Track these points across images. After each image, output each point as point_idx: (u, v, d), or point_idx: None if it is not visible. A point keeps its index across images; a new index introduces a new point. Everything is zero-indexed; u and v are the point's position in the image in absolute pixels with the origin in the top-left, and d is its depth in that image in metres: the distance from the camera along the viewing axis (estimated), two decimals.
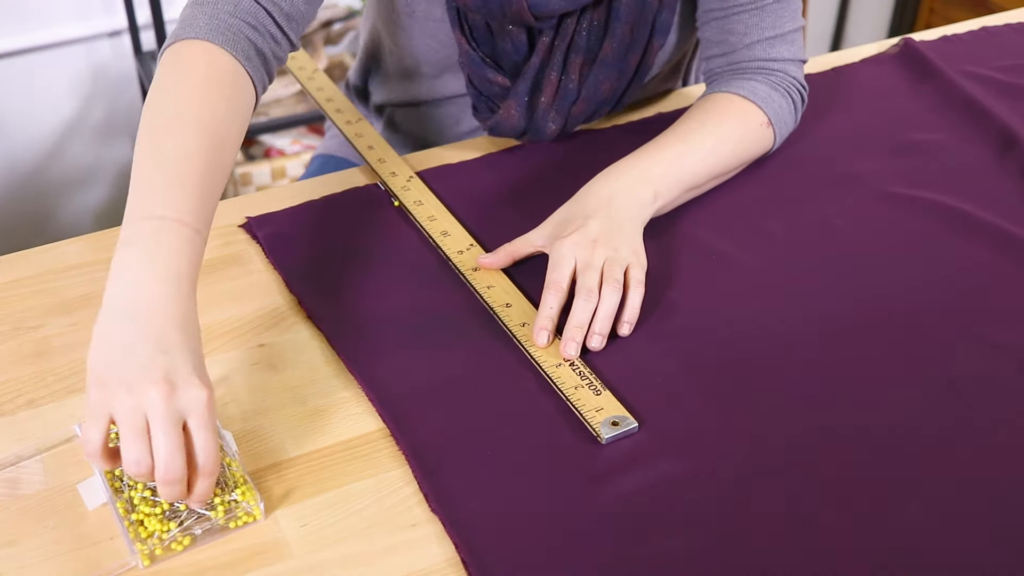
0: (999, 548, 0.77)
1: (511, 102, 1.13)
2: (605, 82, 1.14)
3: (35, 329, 0.95)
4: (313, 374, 0.91)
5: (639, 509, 0.79)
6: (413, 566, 0.76)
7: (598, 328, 0.92)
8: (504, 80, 1.13)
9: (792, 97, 1.12)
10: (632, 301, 0.94)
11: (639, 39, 1.12)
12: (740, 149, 1.09)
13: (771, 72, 1.11)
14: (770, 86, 1.11)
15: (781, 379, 0.90)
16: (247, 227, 1.07)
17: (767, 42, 1.11)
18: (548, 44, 1.10)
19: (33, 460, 0.83)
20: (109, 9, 2.22)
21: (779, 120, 1.11)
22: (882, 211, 1.10)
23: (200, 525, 0.77)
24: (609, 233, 0.96)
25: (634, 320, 0.94)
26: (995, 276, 1.01)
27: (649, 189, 1.01)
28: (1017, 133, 1.18)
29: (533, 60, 1.11)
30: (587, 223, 0.96)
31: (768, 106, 1.09)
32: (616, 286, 0.92)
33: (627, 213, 0.99)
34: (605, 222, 0.97)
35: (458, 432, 0.85)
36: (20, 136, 2.28)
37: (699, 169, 1.05)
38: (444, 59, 1.17)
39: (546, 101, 1.13)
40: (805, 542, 0.77)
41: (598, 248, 0.94)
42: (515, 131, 1.15)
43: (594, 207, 0.98)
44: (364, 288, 0.99)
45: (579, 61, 1.12)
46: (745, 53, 1.11)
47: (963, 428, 0.86)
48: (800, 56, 1.13)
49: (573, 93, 1.13)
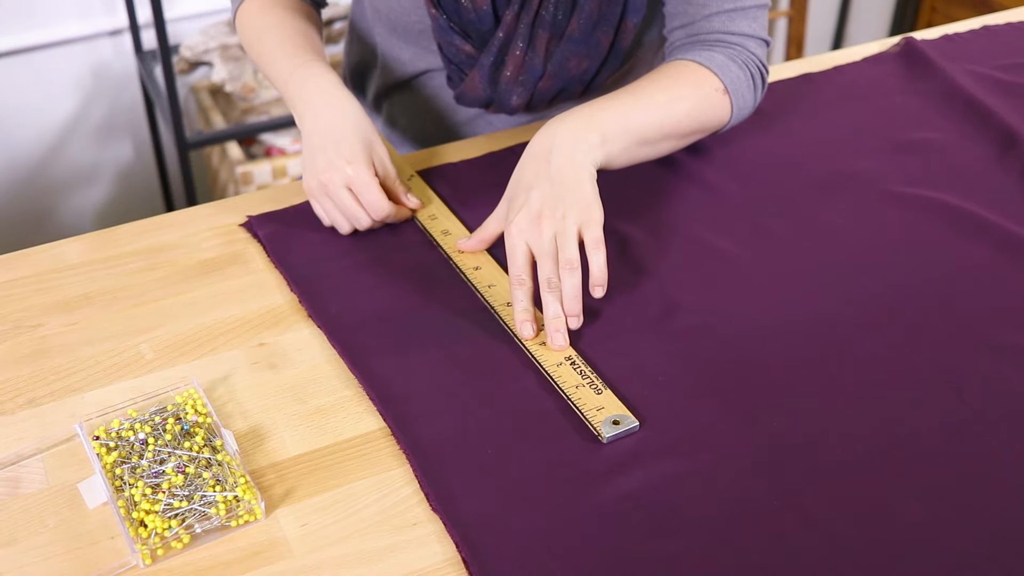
0: (999, 548, 0.77)
1: (476, 72, 1.14)
2: (572, 59, 1.13)
3: (35, 328, 0.95)
4: (314, 373, 0.91)
5: (640, 508, 0.79)
6: (414, 565, 0.76)
7: (568, 310, 0.92)
8: (471, 49, 1.13)
9: (751, 71, 1.10)
10: (596, 262, 0.93)
11: (609, 16, 1.11)
12: (694, 112, 1.07)
13: (729, 45, 1.10)
14: (728, 57, 1.09)
15: (782, 378, 0.90)
16: (248, 226, 1.07)
17: (727, 15, 1.10)
18: (513, 18, 1.10)
19: (33, 459, 0.83)
20: (110, 8, 2.22)
21: (736, 91, 1.09)
22: (883, 210, 1.10)
23: (200, 524, 0.77)
24: (553, 202, 0.94)
25: (604, 281, 0.93)
26: (996, 275, 1.01)
27: (594, 133, 0.99)
28: (1018, 132, 1.18)
29: (498, 33, 1.11)
30: (529, 196, 0.95)
31: (724, 74, 1.08)
32: (572, 265, 0.92)
33: (568, 163, 0.96)
34: (546, 188, 0.95)
35: (459, 431, 0.85)
36: (20, 135, 2.28)
37: (649, 121, 1.03)
38: (417, 23, 1.17)
39: (510, 74, 1.13)
40: (805, 541, 0.77)
41: (544, 224, 0.93)
42: (480, 101, 1.16)
43: (534, 172, 0.97)
44: (364, 287, 0.99)
45: (545, 36, 1.12)
46: (704, 24, 1.10)
47: (964, 428, 0.86)
48: (761, 34, 1.12)
49: (539, 68, 1.13)
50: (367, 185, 1.01)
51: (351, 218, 1.03)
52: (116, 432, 0.84)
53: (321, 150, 1.02)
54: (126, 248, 1.04)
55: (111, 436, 0.83)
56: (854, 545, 0.77)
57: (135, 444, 0.83)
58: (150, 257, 1.03)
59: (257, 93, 2.33)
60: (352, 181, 1.01)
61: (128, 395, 0.88)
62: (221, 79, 2.22)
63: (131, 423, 0.84)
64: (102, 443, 0.82)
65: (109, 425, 0.84)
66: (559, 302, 0.92)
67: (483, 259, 1.01)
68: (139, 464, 0.81)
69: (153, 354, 0.92)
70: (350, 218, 1.03)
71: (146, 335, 0.94)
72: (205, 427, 0.84)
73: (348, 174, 1.01)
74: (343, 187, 1.01)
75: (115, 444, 0.83)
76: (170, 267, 1.02)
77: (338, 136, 1.02)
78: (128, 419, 0.85)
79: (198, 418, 0.85)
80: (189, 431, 0.83)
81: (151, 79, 2.19)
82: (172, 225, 1.07)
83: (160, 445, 0.82)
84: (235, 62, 2.23)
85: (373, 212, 1.02)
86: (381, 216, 1.03)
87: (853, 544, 0.77)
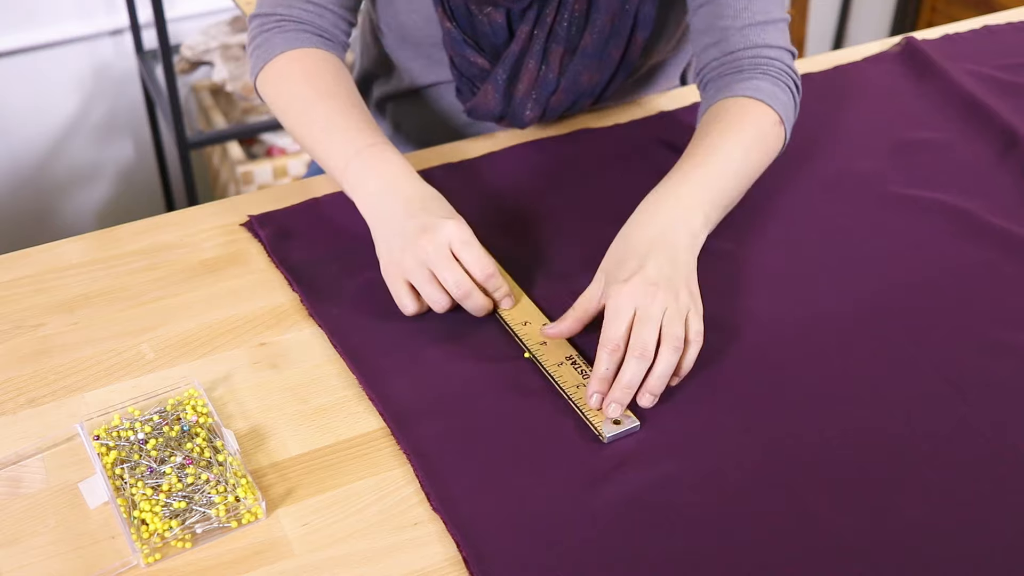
0: (1000, 548, 0.77)
1: (489, 86, 1.13)
2: (584, 73, 1.13)
3: (36, 328, 0.95)
4: (314, 373, 0.91)
5: (641, 508, 0.79)
6: (414, 565, 0.76)
7: (652, 387, 0.86)
8: (484, 62, 1.13)
9: (791, 88, 1.09)
10: (689, 354, 0.88)
11: (620, 31, 1.11)
12: (763, 156, 1.05)
13: (768, 64, 1.08)
14: (771, 82, 1.08)
15: (782, 378, 0.90)
16: (249, 226, 1.07)
17: (759, 27, 1.08)
18: (528, 33, 1.10)
19: (34, 459, 0.83)
20: (111, 8, 2.23)
21: (787, 117, 1.08)
22: (883, 210, 1.09)
23: (202, 524, 0.77)
24: (670, 277, 0.90)
25: (686, 373, 0.88)
26: (997, 275, 1.01)
27: (699, 215, 0.96)
28: (1019, 132, 1.18)
29: (512, 47, 1.11)
30: (645, 265, 0.90)
31: (775, 103, 1.06)
32: (677, 345, 0.86)
33: (683, 245, 0.93)
34: (664, 263, 0.90)
35: (459, 431, 0.85)
36: (22, 135, 2.28)
37: (735, 184, 1.01)
38: (429, 36, 1.16)
39: (524, 89, 1.13)
40: (806, 541, 0.77)
41: (659, 295, 0.88)
42: (492, 115, 1.16)
43: (649, 244, 0.92)
44: (365, 287, 0.99)
45: (559, 52, 1.11)
46: (738, 39, 1.08)
47: (964, 428, 0.86)
48: (790, 47, 1.11)
49: (552, 83, 1.13)
50: (469, 243, 0.92)
51: (454, 284, 0.91)
52: (117, 432, 0.84)
53: (410, 217, 0.93)
54: (127, 248, 1.04)
55: (112, 436, 0.83)
56: (855, 544, 0.77)
57: (136, 444, 0.83)
58: (151, 257, 1.03)
59: None
60: (454, 238, 0.91)
61: (129, 395, 0.88)
62: (222, 79, 2.22)
63: (132, 423, 0.84)
64: (103, 443, 0.82)
65: (110, 425, 0.84)
66: (643, 374, 0.86)
67: None
68: (139, 464, 0.81)
69: (154, 354, 0.92)
70: (453, 284, 0.91)
71: (147, 335, 0.94)
72: (206, 427, 0.84)
73: (450, 230, 0.91)
74: (445, 247, 0.91)
75: (115, 444, 0.83)
76: (171, 267, 1.02)
77: (427, 204, 0.95)
78: (129, 419, 0.85)
79: (199, 418, 0.85)
80: (190, 431, 0.83)
81: (152, 79, 2.20)
82: (173, 225, 1.07)
83: (161, 445, 0.82)
84: (236, 62, 2.23)
85: (478, 270, 0.92)
86: (487, 273, 0.92)
87: (854, 544, 0.77)
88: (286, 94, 1.06)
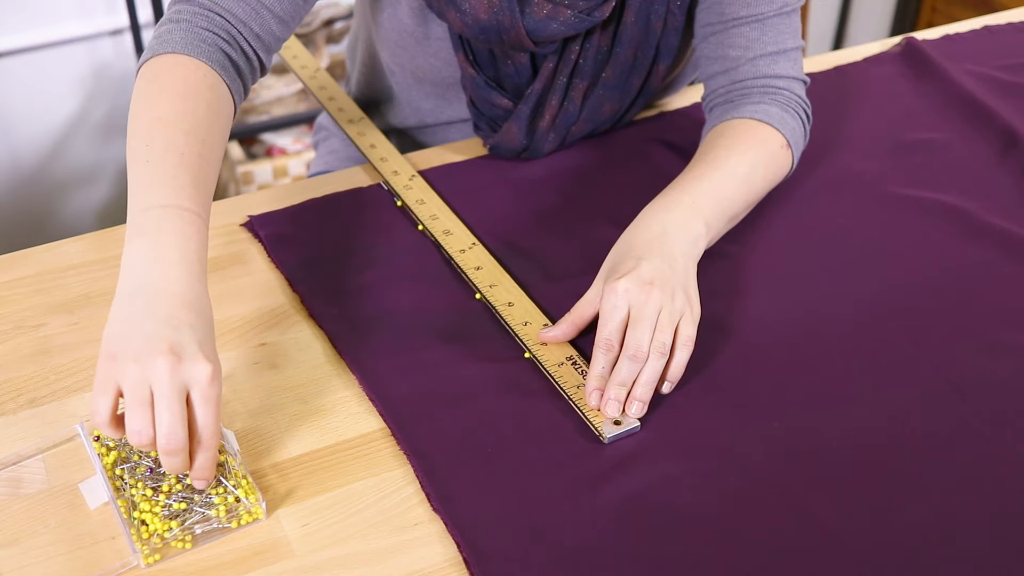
0: (1000, 548, 0.77)
1: (512, 124, 1.12)
2: (606, 103, 1.13)
3: (36, 328, 0.95)
4: (315, 373, 0.91)
5: (641, 508, 0.79)
6: (415, 565, 0.76)
7: (639, 394, 0.86)
8: (507, 103, 1.12)
9: (801, 118, 1.08)
10: (678, 360, 0.88)
11: (642, 62, 1.11)
12: (768, 176, 1.04)
13: (777, 91, 1.07)
14: (780, 107, 1.06)
15: (782, 378, 0.90)
16: (249, 226, 1.07)
17: (770, 58, 1.06)
18: (552, 69, 1.09)
19: (34, 459, 0.83)
20: (111, 8, 2.23)
21: (795, 142, 1.07)
22: (884, 210, 1.10)
23: (202, 524, 0.77)
24: (664, 276, 0.89)
25: (677, 379, 0.88)
26: (997, 275, 1.01)
27: (700, 222, 0.96)
28: (1019, 132, 1.18)
29: (536, 85, 1.10)
30: (640, 264, 0.90)
31: (784, 128, 1.05)
32: (663, 352, 0.86)
33: (680, 249, 0.93)
34: (659, 263, 0.90)
35: (459, 431, 0.85)
36: (22, 135, 2.28)
37: (738, 198, 1.01)
38: (446, 78, 1.15)
39: (546, 124, 1.12)
40: (806, 541, 0.77)
41: (654, 294, 0.87)
42: (515, 151, 1.15)
43: (646, 245, 0.92)
44: (366, 287, 0.99)
45: (583, 87, 1.11)
46: (748, 69, 1.07)
47: (965, 428, 0.86)
48: (802, 76, 1.09)
49: (574, 116, 1.13)
50: (210, 401, 0.75)
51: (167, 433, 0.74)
52: None
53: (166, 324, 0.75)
54: None
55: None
56: (855, 545, 0.77)
57: None
58: None
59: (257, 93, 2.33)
60: (199, 385, 0.75)
61: None
62: None
63: None
64: (103, 443, 0.82)
65: None
66: (634, 375, 0.86)
67: (485, 259, 1.01)
68: (139, 464, 0.81)
69: None
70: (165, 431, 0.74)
71: None
72: None
73: (201, 375, 0.74)
74: (182, 387, 0.74)
75: (116, 444, 0.82)
76: None
77: (190, 318, 0.77)
78: None
79: None
80: None
81: None
82: None
83: None
84: None
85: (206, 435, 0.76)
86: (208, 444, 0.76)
87: (854, 544, 0.77)
88: (149, 98, 0.91)
